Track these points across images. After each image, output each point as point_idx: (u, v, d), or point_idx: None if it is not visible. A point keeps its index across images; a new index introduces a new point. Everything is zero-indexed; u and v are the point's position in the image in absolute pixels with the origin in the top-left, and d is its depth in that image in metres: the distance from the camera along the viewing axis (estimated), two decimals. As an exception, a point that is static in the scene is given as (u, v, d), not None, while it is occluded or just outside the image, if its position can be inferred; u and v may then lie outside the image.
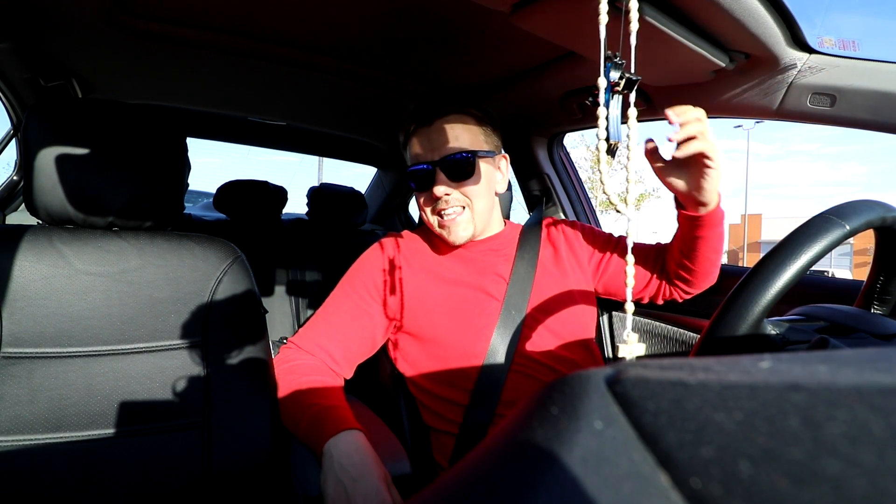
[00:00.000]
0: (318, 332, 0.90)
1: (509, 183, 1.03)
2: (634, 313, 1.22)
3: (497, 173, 0.95)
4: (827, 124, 0.84)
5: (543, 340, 0.88)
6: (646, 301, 1.00)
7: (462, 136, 0.88)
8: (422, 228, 1.01)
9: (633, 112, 0.39)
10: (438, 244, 0.96)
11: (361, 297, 0.91)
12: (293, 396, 0.80)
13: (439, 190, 0.86)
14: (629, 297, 0.40)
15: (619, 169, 0.40)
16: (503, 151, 0.98)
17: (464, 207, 0.89)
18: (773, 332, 0.52)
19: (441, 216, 0.89)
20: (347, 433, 0.72)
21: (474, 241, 0.95)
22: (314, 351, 0.88)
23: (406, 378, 0.95)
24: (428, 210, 0.91)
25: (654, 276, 0.96)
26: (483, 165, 0.89)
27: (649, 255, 0.97)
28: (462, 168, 0.87)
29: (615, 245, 1.00)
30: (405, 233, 1.00)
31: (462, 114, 0.89)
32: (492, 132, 0.93)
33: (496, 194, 0.96)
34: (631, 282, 0.40)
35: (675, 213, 0.83)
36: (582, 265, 0.97)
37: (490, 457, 0.18)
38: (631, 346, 0.39)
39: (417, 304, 0.90)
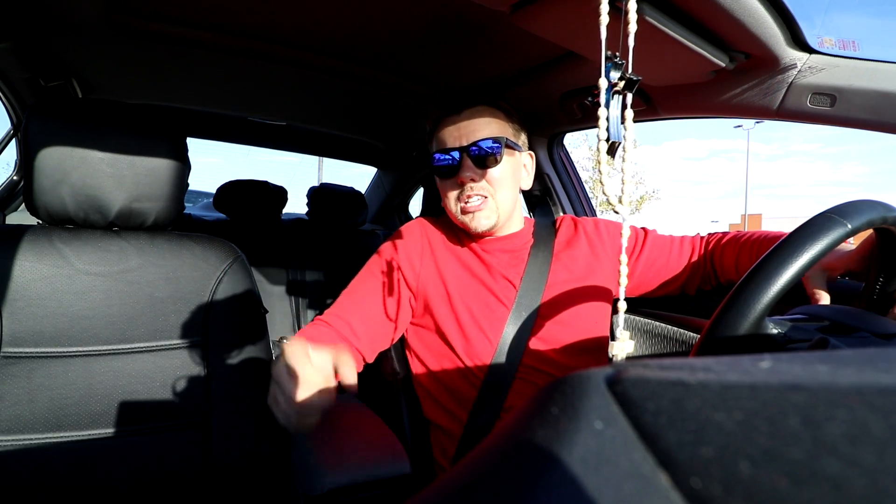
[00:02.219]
0: (343, 309, 0.89)
1: None
2: (635, 313, 1.22)
3: (522, 169, 0.95)
4: (827, 124, 0.84)
5: (551, 351, 0.87)
6: (678, 292, 1.00)
7: (491, 125, 0.88)
8: (443, 217, 1.01)
9: (629, 113, 0.39)
10: (459, 235, 0.97)
11: (386, 277, 0.91)
12: None
13: (465, 175, 0.86)
14: (622, 295, 0.40)
15: (619, 170, 0.40)
16: (529, 150, 0.98)
17: (487, 196, 0.88)
18: (774, 331, 0.52)
19: (465, 204, 0.88)
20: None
21: (492, 237, 0.94)
22: (338, 325, 0.87)
23: (414, 372, 0.94)
24: (452, 198, 0.90)
25: (693, 270, 0.96)
26: (509, 156, 0.89)
27: (687, 249, 0.97)
28: (489, 155, 0.86)
29: (644, 241, 0.98)
30: (429, 219, 1.00)
31: (492, 106, 0.90)
32: (519, 128, 0.94)
33: (520, 190, 0.96)
34: (624, 280, 0.40)
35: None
36: (603, 266, 0.95)
37: (490, 456, 0.18)
38: (622, 344, 0.39)
39: (437, 283, 0.90)
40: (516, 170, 0.92)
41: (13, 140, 1.47)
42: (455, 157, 0.87)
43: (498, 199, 0.89)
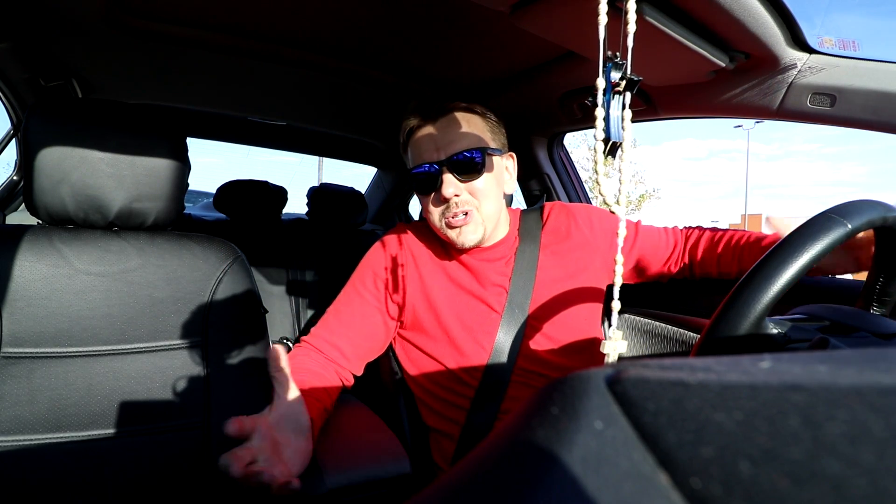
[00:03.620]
0: (328, 328, 0.89)
1: None
2: (635, 312, 1.21)
3: (505, 173, 0.91)
4: (827, 124, 0.84)
5: (545, 352, 0.86)
6: (653, 280, 1.02)
7: (469, 132, 0.84)
8: (426, 223, 1.00)
9: (628, 114, 0.39)
10: (444, 245, 0.94)
11: (371, 292, 0.90)
12: None
13: (448, 191, 0.81)
14: (616, 294, 0.40)
15: (618, 169, 0.40)
16: (509, 150, 0.94)
17: (472, 210, 0.84)
18: (774, 331, 0.52)
19: (450, 220, 0.84)
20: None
21: (478, 248, 0.92)
22: (326, 349, 0.87)
23: (408, 377, 0.94)
24: (435, 214, 0.86)
25: (678, 263, 0.97)
26: (491, 163, 0.85)
27: (671, 241, 0.98)
28: (471, 166, 0.82)
29: (636, 232, 0.98)
30: (411, 225, 0.97)
31: (467, 110, 0.86)
32: (497, 129, 0.90)
33: (504, 195, 0.92)
34: (619, 280, 0.40)
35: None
36: (594, 258, 0.93)
37: (490, 457, 0.18)
38: (615, 343, 0.39)
39: (425, 298, 0.89)
40: (499, 176, 0.88)
41: (13, 140, 1.47)
42: (434, 170, 0.83)
43: (483, 211, 0.84)
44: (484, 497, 0.17)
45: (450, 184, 0.82)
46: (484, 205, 0.85)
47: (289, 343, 1.65)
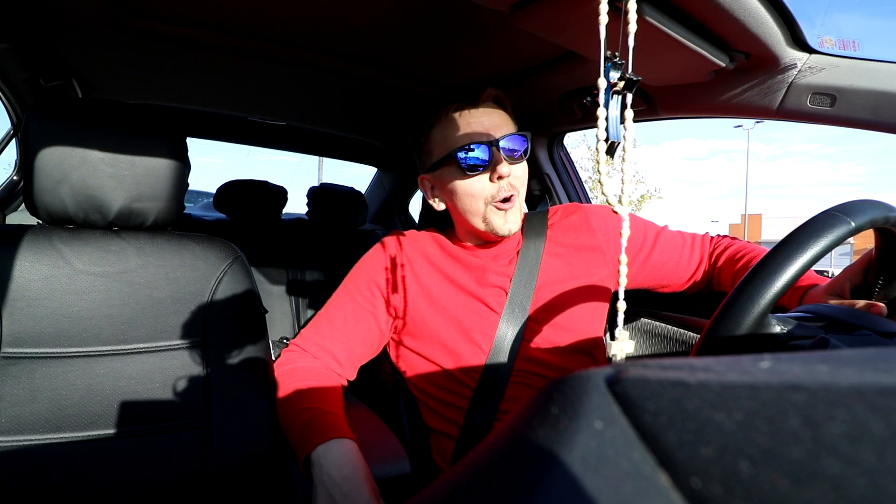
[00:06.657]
0: (320, 333, 0.88)
1: None
2: (636, 313, 1.22)
3: None
4: (827, 124, 0.84)
5: (544, 353, 0.86)
6: (682, 289, 0.99)
7: (507, 120, 0.87)
8: (425, 230, 0.99)
9: (629, 113, 0.39)
10: (442, 246, 0.94)
11: (364, 297, 0.89)
12: (288, 399, 0.79)
13: (504, 169, 0.81)
14: (621, 294, 0.40)
15: (619, 169, 0.40)
16: None
17: (514, 195, 0.84)
18: (777, 329, 0.52)
19: (499, 202, 0.83)
20: (338, 442, 0.70)
21: (481, 245, 0.92)
22: (317, 353, 0.86)
23: (406, 379, 0.94)
24: (480, 197, 0.83)
25: (697, 277, 0.96)
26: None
27: (696, 257, 0.96)
28: (518, 150, 0.84)
29: (655, 239, 0.95)
30: (408, 232, 0.97)
31: (502, 104, 0.88)
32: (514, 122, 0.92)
33: None
34: (623, 281, 0.40)
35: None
36: (606, 258, 0.91)
37: (490, 457, 0.18)
38: (622, 343, 0.39)
39: (421, 302, 0.88)
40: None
41: (13, 140, 1.47)
42: (487, 149, 0.82)
43: (521, 198, 0.86)
44: (484, 497, 0.17)
45: (503, 163, 0.82)
46: (522, 191, 0.86)
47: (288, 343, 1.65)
